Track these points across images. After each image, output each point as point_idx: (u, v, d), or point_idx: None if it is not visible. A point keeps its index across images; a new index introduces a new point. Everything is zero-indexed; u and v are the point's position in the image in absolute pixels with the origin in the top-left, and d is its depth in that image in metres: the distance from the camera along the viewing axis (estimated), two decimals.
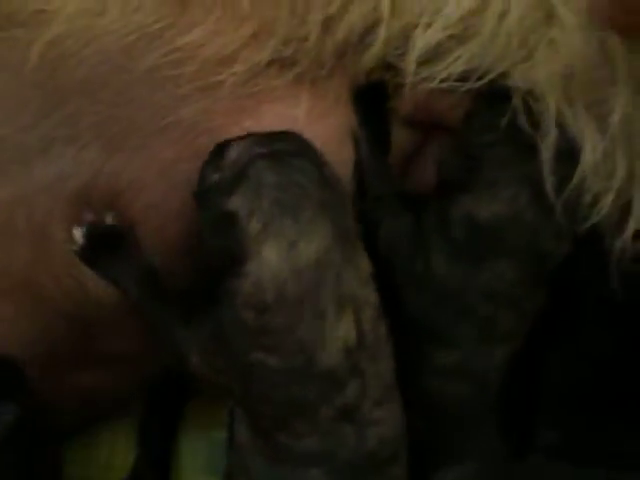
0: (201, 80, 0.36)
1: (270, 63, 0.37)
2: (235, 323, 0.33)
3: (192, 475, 0.44)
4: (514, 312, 0.37)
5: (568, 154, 0.37)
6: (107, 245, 0.36)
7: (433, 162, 0.39)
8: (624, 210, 0.37)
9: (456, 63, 0.37)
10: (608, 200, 0.36)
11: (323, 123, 0.37)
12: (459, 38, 0.37)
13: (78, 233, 0.36)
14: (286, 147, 0.34)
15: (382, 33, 0.36)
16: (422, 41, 0.36)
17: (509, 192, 0.36)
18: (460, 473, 0.37)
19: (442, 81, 0.37)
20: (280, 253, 0.32)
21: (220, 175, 0.33)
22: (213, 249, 0.33)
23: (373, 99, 0.39)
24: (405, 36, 0.37)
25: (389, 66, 0.38)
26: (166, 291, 0.36)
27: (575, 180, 0.36)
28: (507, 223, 0.36)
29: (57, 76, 0.35)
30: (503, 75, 0.37)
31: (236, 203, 0.32)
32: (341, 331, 0.32)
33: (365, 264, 0.34)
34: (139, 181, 0.36)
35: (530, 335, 0.38)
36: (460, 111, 0.38)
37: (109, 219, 0.37)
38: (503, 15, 0.36)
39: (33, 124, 0.35)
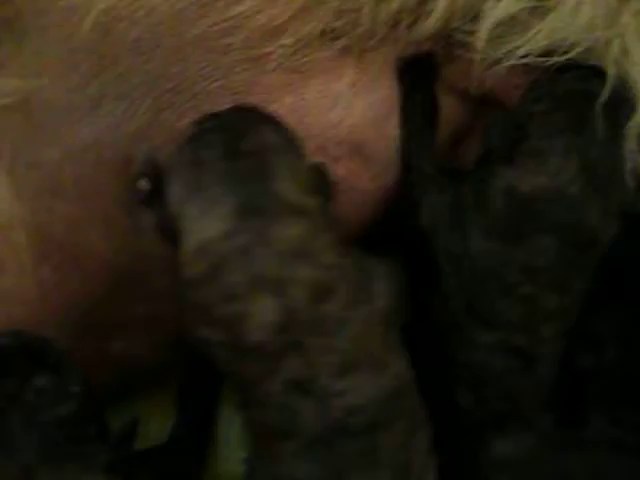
0: (249, 50, 0.37)
1: (319, 35, 0.37)
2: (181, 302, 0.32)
3: (227, 448, 0.43)
4: (557, 291, 0.35)
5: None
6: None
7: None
8: None
9: (536, 37, 0.35)
10: None
11: (367, 97, 0.37)
12: (539, 10, 0.35)
13: (143, 183, 0.34)
14: (207, 120, 0.33)
15: (443, 2, 0.35)
16: (495, 12, 0.35)
17: (555, 163, 0.34)
18: (518, 443, 0.35)
19: (521, 57, 0.36)
20: (190, 234, 0.31)
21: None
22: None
23: (421, 71, 0.38)
24: (471, 6, 0.36)
25: (443, 37, 0.37)
26: None
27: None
28: (550, 197, 0.34)
29: (108, 39, 0.36)
30: (588, 50, 0.35)
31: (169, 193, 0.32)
32: (260, 310, 0.30)
33: (292, 237, 0.30)
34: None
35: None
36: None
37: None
38: None
39: (83, 84, 0.36)
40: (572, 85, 0.36)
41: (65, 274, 0.38)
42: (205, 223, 0.30)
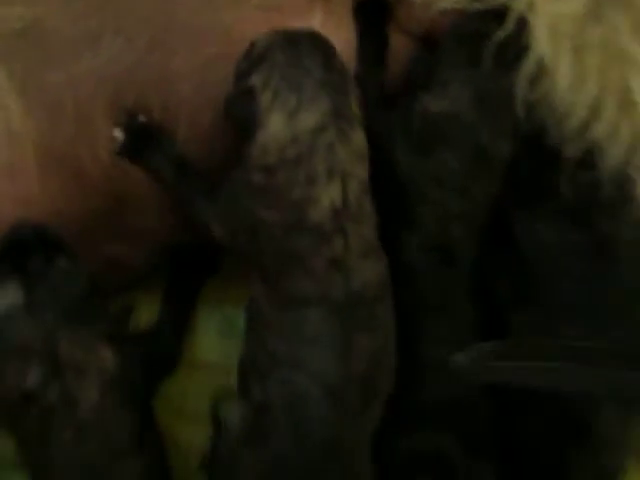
0: None
1: None
2: (246, 186, 0.40)
3: (205, 337, 0.51)
4: (462, 197, 0.44)
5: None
6: (143, 139, 0.43)
7: None
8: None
9: None
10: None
11: (335, 36, 0.43)
12: None
13: (118, 132, 0.42)
14: (300, 37, 0.40)
15: None
16: None
17: (454, 91, 0.43)
18: (440, 336, 0.45)
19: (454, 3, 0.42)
20: (283, 122, 0.38)
21: (248, 60, 0.40)
22: (237, 117, 0.40)
23: (372, 13, 0.45)
24: None
25: None
26: (195, 173, 0.43)
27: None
28: (450, 119, 0.43)
29: None
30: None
31: (254, 80, 0.39)
32: (328, 195, 0.39)
33: (359, 142, 0.40)
34: (176, 75, 0.42)
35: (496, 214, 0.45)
36: None
37: (142, 118, 0.42)
38: None
39: (85, 16, 0.41)
40: (474, 26, 0.43)
41: (65, 184, 0.43)
42: (302, 117, 0.38)
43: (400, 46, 0.46)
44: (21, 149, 0.41)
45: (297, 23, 0.43)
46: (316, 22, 0.43)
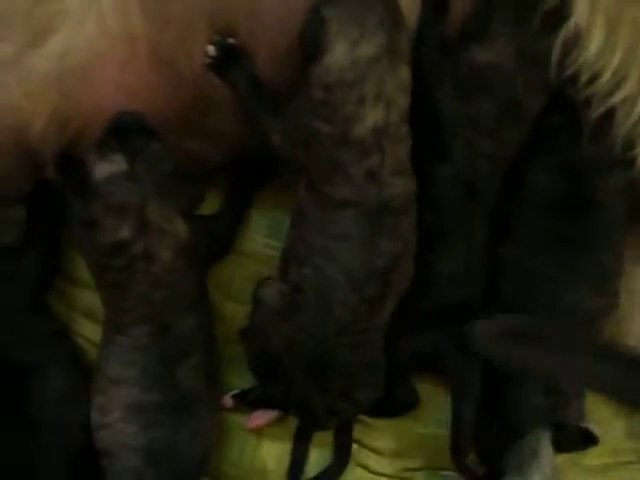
0: None
1: None
2: (306, 99, 0.48)
3: (255, 232, 0.60)
4: (492, 139, 0.52)
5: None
6: (229, 57, 0.51)
7: None
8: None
9: None
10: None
11: None
12: None
13: (211, 48, 0.51)
14: None
15: None
16: None
17: (500, 45, 0.50)
18: (452, 255, 0.53)
19: None
20: (345, 48, 0.47)
21: None
22: (307, 42, 0.48)
23: None
24: None
25: None
26: (266, 91, 0.51)
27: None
28: (492, 69, 0.50)
29: None
30: None
31: (328, 11, 0.47)
32: (373, 115, 0.47)
33: (405, 76, 0.48)
34: (263, 6, 0.50)
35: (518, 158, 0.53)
36: None
37: (231, 40, 0.51)
38: None
39: None
40: None
41: (164, 82, 0.52)
42: (361, 48, 0.46)
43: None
44: (136, 47, 0.50)
45: None
46: None
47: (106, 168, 0.48)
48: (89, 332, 0.59)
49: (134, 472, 0.51)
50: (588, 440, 0.55)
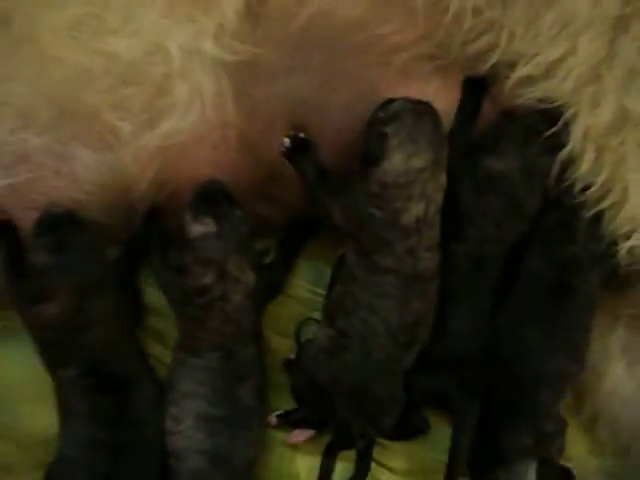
0: (383, 57, 0.62)
1: (422, 55, 0.63)
2: (364, 190, 0.62)
3: (300, 279, 0.72)
4: (498, 229, 0.65)
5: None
6: (300, 149, 0.64)
7: None
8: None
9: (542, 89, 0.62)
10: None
11: (444, 97, 0.63)
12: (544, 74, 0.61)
13: (286, 140, 0.64)
14: (419, 107, 0.61)
15: (495, 57, 0.62)
16: (520, 72, 0.61)
17: (509, 160, 0.64)
18: (461, 315, 0.66)
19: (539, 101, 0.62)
20: (401, 159, 0.60)
21: (384, 114, 0.61)
22: (370, 149, 0.61)
23: (475, 86, 0.65)
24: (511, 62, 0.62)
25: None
26: (329, 177, 0.64)
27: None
28: (502, 176, 0.64)
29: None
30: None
31: (389, 128, 0.60)
32: (417, 209, 0.61)
33: (443, 181, 0.62)
34: (333, 108, 0.63)
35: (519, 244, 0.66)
36: None
37: (302, 135, 0.64)
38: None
39: (286, 55, 0.61)
40: (534, 120, 0.64)
41: (245, 160, 0.65)
42: (414, 160, 0.60)
43: (486, 112, 0.66)
44: (227, 133, 0.63)
45: (419, 84, 0.63)
46: (433, 86, 0.64)
47: (199, 229, 0.62)
48: (157, 353, 0.70)
49: (198, 472, 0.62)
50: (567, 477, 0.66)
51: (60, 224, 0.63)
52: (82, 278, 0.63)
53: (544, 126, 0.62)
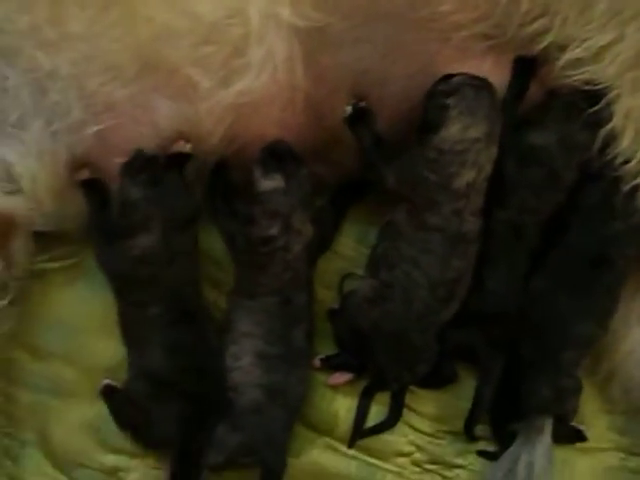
0: (443, 33, 0.67)
1: (480, 34, 0.68)
2: (420, 155, 0.68)
3: (347, 238, 0.78)
4: (537, 198, 0.71)
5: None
6: (360, 117, 0.69)
7: None
8: None
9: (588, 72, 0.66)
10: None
11: (498, 74, 0.68)
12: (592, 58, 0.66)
13: (348, 108, 0.69)
14: (479, 82, 0.67)
15: (547, 39, 0.67)
16: (570, 55, 0.66)
17: (549, 134, 0.69)
18: (497, 277, 0.72)
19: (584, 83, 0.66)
20: (459, 128, 0.66)
21: (446, 86, 0.66)
22: (430, 118, 0.67)
23: (525, 65, 0.70)
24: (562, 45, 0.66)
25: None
26: (385, 144, 0.70)
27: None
28: (542, 149, 0.70)
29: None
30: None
31: (450, 100, 0.66)
32: (468, 175, 0.66)
33: (494, 152, 0.68)
34: (393, 79, 0.68)
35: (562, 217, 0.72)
36: None
37: (363, 103, 0.69)
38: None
39: (354, 26, 0.67)
40: (574, 99, 0.69)
41: (309, 123, 0.70)
42: (470, 131, 0.66)
43: (533, 92, 0.71)
44: (295, 95, 0.69)
45: (475, 62, 0.69)
46: (487, 64, 0.69)
47: (268, 184, 0.67)
48: (213, 298, 0.76)
49: (258, 403, 0.68)
50: (579, 437, 0.73)
51: (153, 162, 0.68)
52: (173, 211, 0.68)
53: (586, 104, 0.68)
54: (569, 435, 0.73)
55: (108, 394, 0.70)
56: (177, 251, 0.69)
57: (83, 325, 0.76)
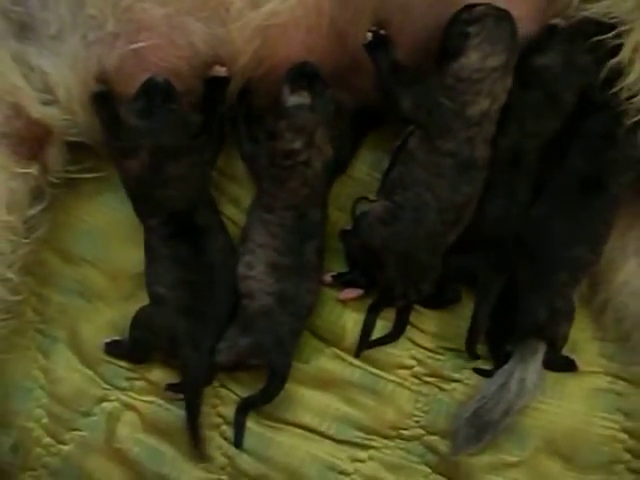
0: None
1: None
2: (438, 82, 0.71)
3: (370, 166, 0.81)
4: (537, 120, 0.74)
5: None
6: (379, 43, 0.72)
7: None
8: None
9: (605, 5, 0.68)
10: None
11: (519, 7, 0.71)
12: None
13: (369, 35, 0.72)
14: (501, 13, 0.70)
15: None
16: None
17: (554, 55, 0.72)
18: (497, 203, 0.75)
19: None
20: (478, 57, 0.69)
21: (468, 15, 0.69)
22: (450, 45, 0.70)
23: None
24: None
25: None
26: (403, 69, 0.73)
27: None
28: (545, 69, 0.72)
29: None
30: None
31: (471, 28, 0.69)
32: (483, 104, 0.70)
33: (509, 83, 0.71)
34: (414, 6, 0.71)
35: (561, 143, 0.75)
36: None
37: (383, 31, 0.72)
38: None
39: None
40: (582, 25, 0.71)
41: (333, 45, 0.73)
42: (489, 60, 0.69)
43: None
44: (321, 19, 0.71)
45: None
46: None
47: (296, 99, 0.71)
48: (231, 214, 0.81)
49: (268, 309, 0.73)
50: (570, 367, 0.78)
51: (155, 92, 0.72)
52: (161, 143, 0.72)
53: (593, 30, 0.70)
54: (561, 363, 0.78)
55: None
56: (171, 176, 0.73)
57: (111, 233, 0.80)
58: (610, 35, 0.69)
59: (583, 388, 0.79)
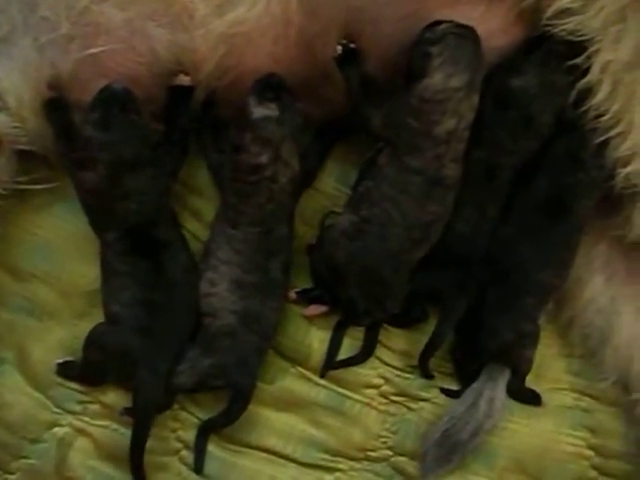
0: None
1: None
2: (404, 102, 0.69)
3: (328, 177, 0.80)
4: (513, 141, 0.73)
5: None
6: (349, 57, 0.71)
7: None
8: None
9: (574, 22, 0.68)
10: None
11: (487, 23, 0.70)
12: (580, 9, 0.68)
13: (338, 48, 0.71)
14: (463, 31, 0.68)
15: None
16: (560, 4, 0.68)
17: (529, 77, 0.72)
18: (465, 219, 0.75)
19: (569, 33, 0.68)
20: (441, 77, 0.68)
21: (431, 34, 0.68)
22: (415, 66, 0.69)
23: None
24: None
25: None
26: (372, 86, 0.71)
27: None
28: (521, 91, 0.72)
29: None
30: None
31: (433, 49, 0.67)
32: (449, 124, 0.69)
33: (475, 101, 0.70)
34: (383, 22, 0.69)
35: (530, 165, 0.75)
36: None
37: (353, 45, 0.70)
38: None
39: None
40: (557, 46, 0.71)
41: (300, 56, 0.71)
42: (452, 80, 0.68)
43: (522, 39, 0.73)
44: (288, 29, 0.69)
45: (466, 8, 0.70)
46: (478, 12, 0.70)
47: (263, 112, 0.69)
48: (193, 228, 0.78)
49: (231, 328, 0.71)
50: (535, 400, 0.77)
51: (113, 102, 0.68)
52: (119, 156, 0.69)
53: (565, 52, 0.70)
54: (527, 396, 0.77)
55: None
56: (130, 189, 0.70)
57: (63, 248, 0.77)
58: (583, 56, 0.69)
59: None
